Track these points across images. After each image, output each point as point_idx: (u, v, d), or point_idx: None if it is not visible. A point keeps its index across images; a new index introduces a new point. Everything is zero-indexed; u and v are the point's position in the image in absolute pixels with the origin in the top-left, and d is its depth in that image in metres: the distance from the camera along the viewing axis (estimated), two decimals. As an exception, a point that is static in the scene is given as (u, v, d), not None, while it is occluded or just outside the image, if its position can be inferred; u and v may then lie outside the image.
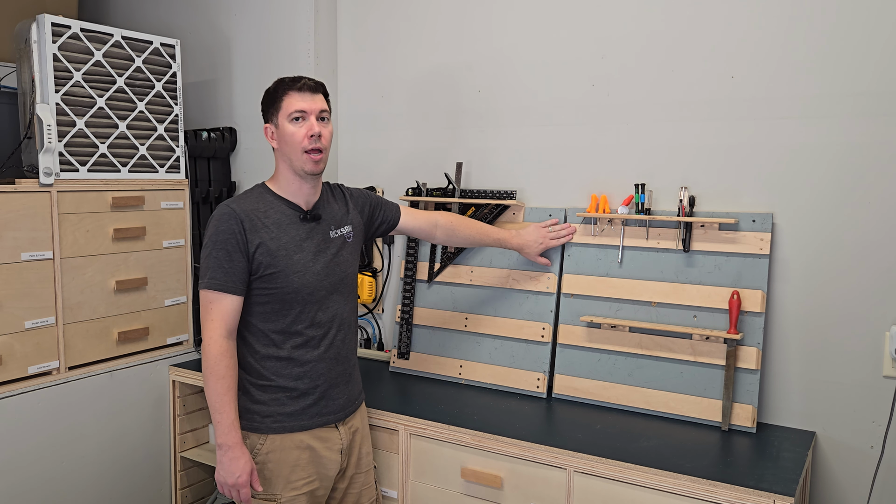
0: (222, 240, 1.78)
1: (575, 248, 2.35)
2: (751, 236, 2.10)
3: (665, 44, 2.24)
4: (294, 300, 1.83)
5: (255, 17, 2.93)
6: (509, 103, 2.53)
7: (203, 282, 1.79)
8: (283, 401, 1.85)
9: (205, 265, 1.79)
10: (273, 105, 1.85)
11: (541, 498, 1.95)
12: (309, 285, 1.83)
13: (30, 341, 2.21)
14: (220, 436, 1.77)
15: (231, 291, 1.78)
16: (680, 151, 2.24)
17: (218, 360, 1.76)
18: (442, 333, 2.55)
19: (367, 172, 2.87)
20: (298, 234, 1.85)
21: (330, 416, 1.90)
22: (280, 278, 1.81)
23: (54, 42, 2.23)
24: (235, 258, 1.77)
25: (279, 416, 1.84)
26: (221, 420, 1.77)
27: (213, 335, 1.77)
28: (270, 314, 1.83)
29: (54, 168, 2.25)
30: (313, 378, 1.87)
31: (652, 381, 2.19)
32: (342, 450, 1.93)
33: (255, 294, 1.82)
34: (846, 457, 2.05)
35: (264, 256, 1.79)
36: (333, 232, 1.94)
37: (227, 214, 1.80)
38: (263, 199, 1.86)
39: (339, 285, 1.92)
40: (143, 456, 2.57)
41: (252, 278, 1.81)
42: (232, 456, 1.77)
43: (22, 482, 2.20)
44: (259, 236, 1.80)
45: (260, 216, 1.82)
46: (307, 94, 1.83)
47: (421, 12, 2.70)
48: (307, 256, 1.85)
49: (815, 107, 2.04)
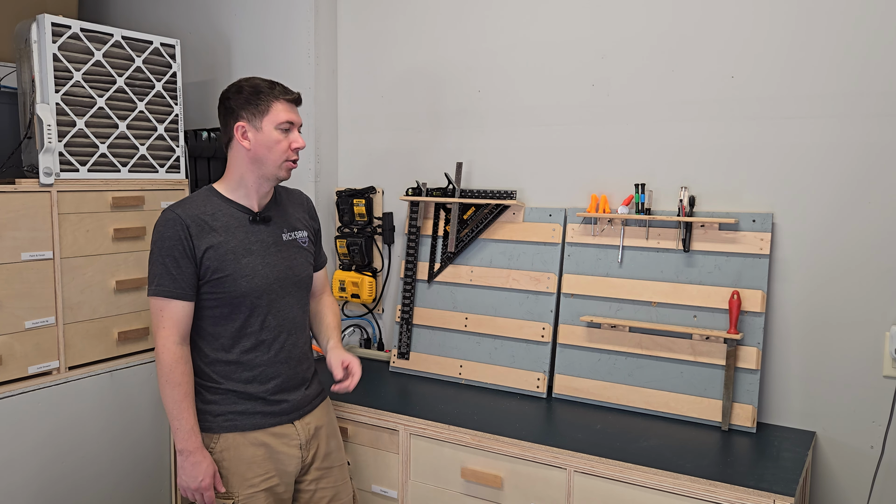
0: (168, 246, 1.76)
1: (575, 248, 2.35)
2: (751, 236, 2.10)
3: (665, 44, 2.25)
4: (242, 304, 1.81)
5: (255, 17, 2.93)
6: (509, 103, 2.53)
7: (151, 289, 1.77)
8: (233, 399, 1.83)
9: (152, 272, 1.78)
10: (256, 107, 1.81)
11: (541, 498, 1.95)
12: (258, 289, 1.82)
13: (30, 341, 2.21)
14: (181, 441, 1.77)
15: (181, 297, 1.76)
16: (680, 151, 2.24)
17: (173, 368, 1.75)
18: (442, 333, 2.55)
19: (367, 172, 2.87)
20: (247, 237, 1.84)
21: (283, 417, 1.88)
22: (228, 282, 1.79)
23: (54, 42, 2.23)
24: (182, 264, 1.76)
25: (230, 415, 1.83)
26: (181, 426, 1.76)
27: (167, 342, 1.76)
28: (220, 318, 1.82)
29: (54, 168, 2.25)
30: (263, 381, 1.85)
31: (652, 381, 2.19)
32: (301, 445, 1.90)
33: (203, 298, 1.80)
34: (846, 457, 2.05)
35: (212, 261, 1.78)
36: (287, 235, 1.92)
37: (172, 220, 1.77)
38: (210, 201, 1.84)
39: (292, 289, 1.90)
40: (143, 456, 2.56)
41: (200, 283, 1.79)
42: (193, 461, 1.77)
43: (22, 482, 2.20)
44: (206, 241, 1.77)
45: (207, 220, 1.80)
46: (294, 107, 1.85)
47: (421, 12, 2.70)
48: (256, 259, 1.83)
49: (815, 107, 2.04)
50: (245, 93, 1.82)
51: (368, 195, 2.79)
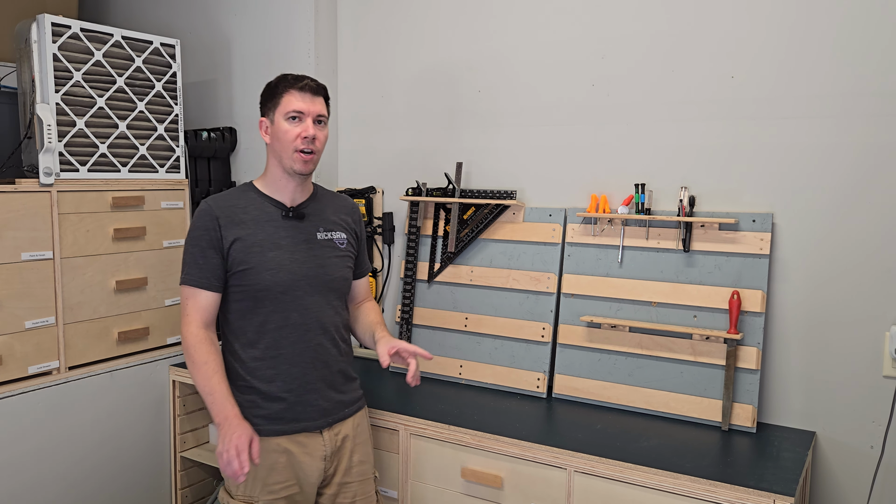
0: (197, 236, 1.79)
1: (575, 248, 2.35)
2: (751, 236, 2.10)
3: (665, 44, 2.25)
4: (266, 298, 1.80)
5: (255, 17, 2.93)
6: (509, 103, 2.53)
7: (181, 277, 1.81)
8: (258, 402, 1.81)
9: (183, 260, 1.82)
10: (272, 100, 1.83)
11: (541, 498, 1.95)
12: (281, 283, 1.80)
13: (30, 341, 2.21)
14: (217, 414, 1.71)
15: (205, 287, 1.78)
16: (680, 151, 2.24)
17: (196, 348, 1.75)
18: (442, 333, 2.55)
19: (368, 172, 2.87)
20: (277, 232, 1.83)
21: (308, 423, 1.84)
22: (252, 275, 1.79)
23: (54, 42, 2.23)
24: (209, 255, 1.78)
25: (255, 420, 1.78)
26: (215, 399, 1.72)
27: (189, 327, 1.78)
28: (245, 312, 1.82)
29: (54, 168, 2.25)
30: (286, 381, 1.82)
31: (652, 381, 2.19)
32: (325, 456, 1.86)
33: (230, 291, 1.82)
34: (846, 457, 2.05)
35: (238, 253, 1.78)
36: (322, 234, 1.90)
37: (204, 211, 1.81)
38: (246, 195, 1.86)
39: (322, 287, 1.86)
40: (143, 456, 2.56)
41: (228, 275, 1.80)
42: (231, 426, 1.68)
43: (22, 482, 2.20)
44: (234, 232, 1.79)
45: (238, 212, 1.82)
46: (307, 95, 1.82)
47: (421, 12, 2.70)
48: (283, 254, 1.81)
49: (815, 107, 2.04)
50: (267, 87, 1.87)
51: (368, 195, 2.79)
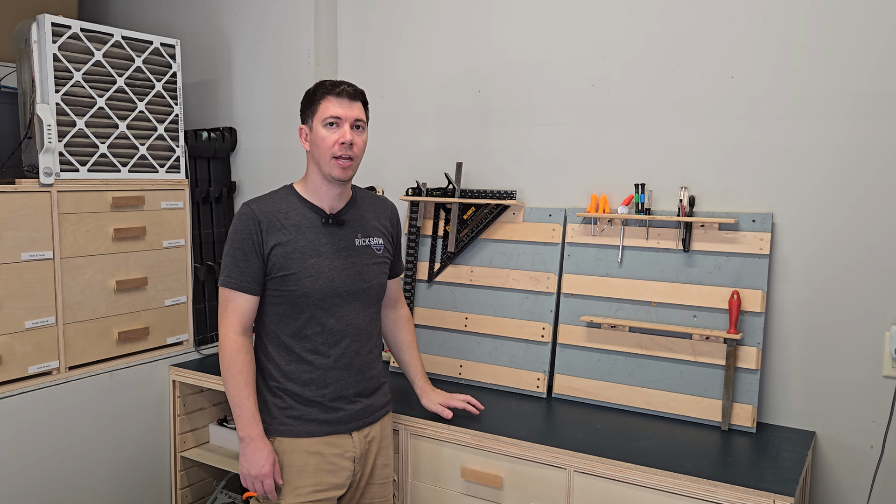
0: (239, 239, 1.80)
1: (575, 248, 2.35)
2: (751, 236, 2.10)
3: (665, 44, 2.25)
4: (304, 304, 1.82)
5: (255, 17, 2.93)
6: (509, 103, 2.53)
7: (221, 279, 1.83)
8: (291, 405, 1.83)
9: (223, 263, 1.83)
10: (310, 107, 1.84)
11: (541, 498, 1.95)
12: (321, 290, 1.82)
13: (30, 341, 2.21)
14: (242, 428, 1.78)
15: (246, 291, 1.80)
16: (680, 151, 2.24)
17: (234, 356, 1.79)
18: (442, 333, 2.55)
19: (368, 172, 2.87)
20: (318, 239, 1.84)
21: (340, 426, 1.86)
22: (292, 281, 1.80)
23: (54, 42, 2.23)
24: (251, 258, 1.79)
25: (287, 420, 1.83)
26: (242, 413, 1.78)
27: (229, 332, 1.80)
28: (282, 316, 1.84)
29: (54, 168, 2.25)
30: (321, 386, 1.84)
31: (652, 381, 2.19)
32: (355, 458, 1.88)
33: (269, 295, 1.83)
34: (846, 457, 2.05)
35: (279, 258, 1.80)
36: (360, 240, 1.91)
37: (246, 215, 1.81)
38: (287, 200, 1.86)
39: (359, 294, 1.89)
40: (143, 456, 2.57)
41: (267, 279, 1.82)
42: (254, 447, 1.78)
43: (22, 482, 2.20)
44: (275, 238, 1.80)
45: (280, 217, 1.82)
46: (345, 101, 1.82)
47: (421, 13, 2.70)
48: (323, 261, 1.83)
49: (815, 107, 2.04)
50: (306, 95, 1.87)
51: (368, 195, 2.79)
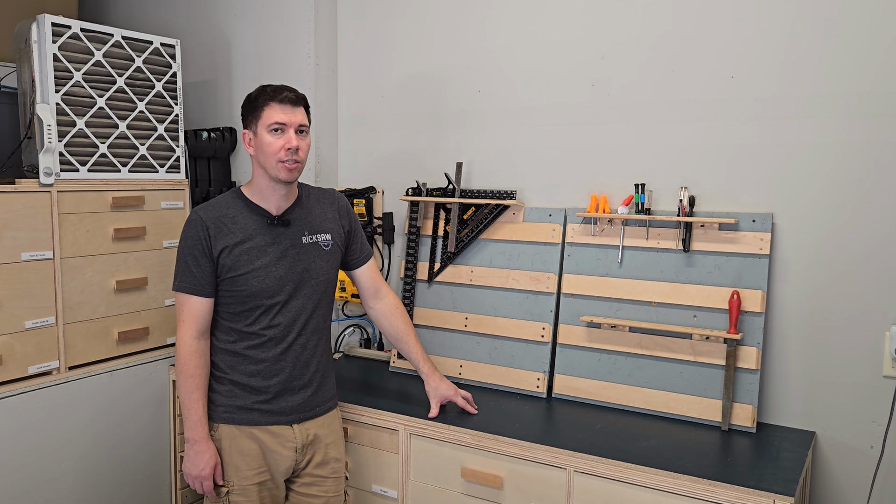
0: (190, 245, 1.88)
1: (575, 248, 2.35)
2: (751, 236, 2.10)
3: (665, 44, 2.25)
4: (253, 301, 1.90)
5: (255, 17, 2.93)
6: (509, 103, 2.53)
7: (174, 284, 1.91)
8: (235, 392, 1.92)
9: (176, 268, 1.91)
10: (252, 113, 1.90)
11: (541, 498, 1.95)
12: (268, 289, 1.89)
13: (30, 341, 2.21)
14: (188, 430, 1.89)
15: (199, 293, 1.88)
16: (680, 151, 2.24)
17: (187, 360, 1.88)
18: (442, 333, 2.55)
19: (368, 172, 2.87)
20: (264, 240, 1.91)
21: (281, 417, 1.94)
22: (241, 282, 1.88)
23: (54, 42, 2.23)
24: (202, 262, 1.87)
25: (231, 408, 1.92)
26: (190, 416, 1.88)
27: (184, 336, 1.89)
28: (233, 314, 1.92)
29: (54, 168, 2.25)
30: (266, 377, 1.92)
31: (652, 381, 2.19)
32: (296, 448, 1.96)
33: (220, 294, 1.91)
34: (846, 457, 2.05)
35: (227, 260, 1.88)
36: (306, 238, 1.97)
37: (195, 221, 1.89)
38: (234, 204, 1.93)
39: (306, 289, 1.95)
40: (143, 456, 2.56)
41: (218, 280, 1.90)
42: (198, 450, 1.88)
43: (22, 482, 2.20)
44: (223, 241, 1.88)
45: (227, 222, 1.90)
46: (287, 107, 1.87)
47: (421, 12, 2.70)
48: (269, 261, 1.90)
49: (815, 107, 2.04)
50: (246, 102, 1.93)
51: (368, 195, 2.79)
